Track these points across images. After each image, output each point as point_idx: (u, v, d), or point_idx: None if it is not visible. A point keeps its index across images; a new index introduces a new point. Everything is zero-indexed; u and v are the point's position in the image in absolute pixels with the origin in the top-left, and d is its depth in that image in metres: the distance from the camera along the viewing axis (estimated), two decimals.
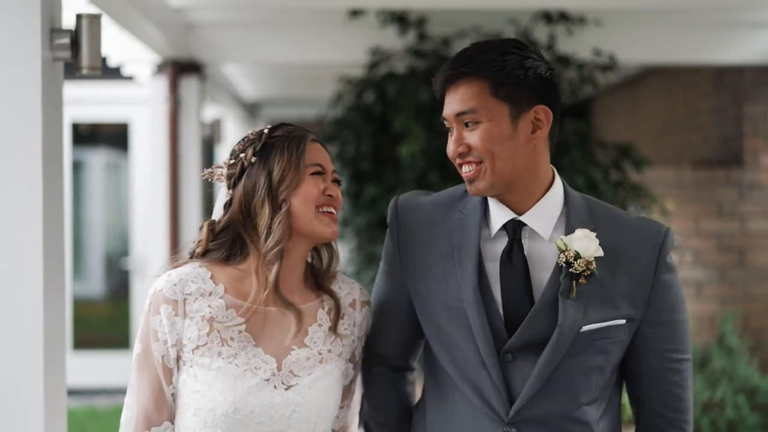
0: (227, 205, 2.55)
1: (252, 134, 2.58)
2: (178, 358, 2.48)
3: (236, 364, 2.46)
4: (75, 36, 3.19)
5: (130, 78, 7.96)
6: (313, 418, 2.51)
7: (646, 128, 10.30)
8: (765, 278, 8.14)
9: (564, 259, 2.37)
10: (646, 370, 2.48)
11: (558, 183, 2.49)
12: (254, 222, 2.49)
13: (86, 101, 9.67)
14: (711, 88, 8.76)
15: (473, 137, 2.41)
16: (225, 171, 2.59)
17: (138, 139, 10.86)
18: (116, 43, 6.26)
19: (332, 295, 2.60)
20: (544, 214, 2.45)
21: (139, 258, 10.89)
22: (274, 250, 2.46)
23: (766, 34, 7.04)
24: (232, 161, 2.56)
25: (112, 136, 11.38)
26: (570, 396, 2.41)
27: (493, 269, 2.45)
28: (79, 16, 3.20)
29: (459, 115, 2.42)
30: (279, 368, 2.49)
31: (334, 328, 2.57)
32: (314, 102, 10.01)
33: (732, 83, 8.39)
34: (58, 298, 3.34)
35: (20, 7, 3.05)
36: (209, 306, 2.48)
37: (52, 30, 3.15)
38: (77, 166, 11.30)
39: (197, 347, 2.46)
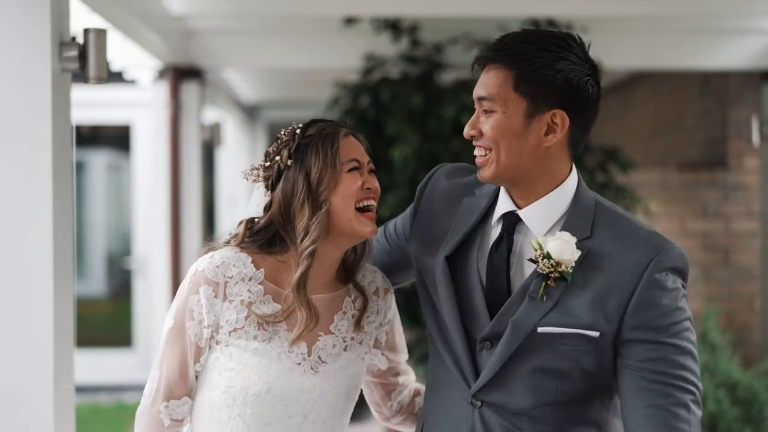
0: (267, 208, 2.55)
1: (284, 134, 2.57)
2: (212, 337, 2.50)
3: (272, 347, 2.48)
4: (83, 49, 3.41)
5: (132, 81, 8.11)
6: (334, 404, 2.55)
7: (637, 130, 10.42)
8: (748, 277, 8.27)
9: (533, 258, 2.34)
10: (627, 390, 2.35)
11: (569, 186, 2.43)
12: (293, 223, 2.49)
13: (89, 104, 9.83)
14: (697, 93, 8.88)
15: (486, 124, 2.39)
16: (256, 175, 2.59)
17: (140, 141, 11.03)
18: (119, 49, 6.41)
19: (362, 291, 2.63)
20: (543, 213, 2.41)
21: (141, 258, 11.04)
22: (309, 249, 2.46)
23: (749, 40, 7.16)
24: (268, 164, 2.56)
25: (113, 138, 11.54)
26: (526, 392, 2.38)
27: (483, 257, 2.46)
28: (86, 30, 3.41)
29: (480, 99, 2.41)
30: (309, 353, 2.52)
31: (357, 322, 2.60)
32: (312, 104, 10.14)
33: (717, 88, 8.50)
34: (67, 297, 3.50)
35: (31, 22, 3.27)
36: (249, 290, 2.49)
37: (62, 43, 3.37)
38: (79, 167, 11.47)
39: (234, 330, 2.48)
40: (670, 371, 2.30)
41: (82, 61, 3.42)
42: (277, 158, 2.53)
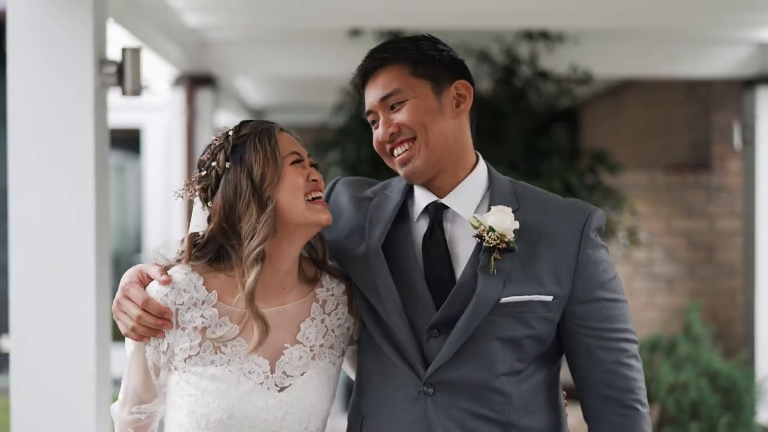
0: (209, 219, 2.39)
1: (216, 139, 2.42)
2: (169, 362, 2.39)
3: (230, 371, 2.36)
4: (120, 66, 3.83)
5: (144, 87, 8.41)
6: (306, 417, 2.43)
7: (628, 134, 10.66)
8: (731, 273, 8.54)
9: (477, 234, 2.34)
10: (583, 350, 2.40)
11: (482, 167, 2.48)
12: (237, 228, 2.34)
13: None
14: (684, 99, 9.13)
15: (401, 115, 2.38)
16: (191, 190, 2.41)
17: (150, 143, 11.32)
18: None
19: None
20: (466, 196, 2.43)
21: (152, 254, 11.35)
22: (255, 251, 2.31)
23: (731, 50, 7.41)
24: (204, 173, 2.39)
25: (119, 140, 11.83)
26: (485, 364, 2.36)
27: (417, 250, 2.43)
28: (124, 50, 3.83)
29: (383, 99, 2.40)
30: (272, 370, 2.40)
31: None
32: (317, 108, 10.32)
33: (702, 94, 8.76)
34: (105, 295, 3.88)
35: (76, 44, 3.69)
36: (202, 316, 2.35)
37: (101, 61, 3.79)
38: None
39: (189, 357, 2.36)
40: (619, 326, 2.38)
41: (119, 76, 3.84)
42: (214, 164, 2.37)
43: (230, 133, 2.40)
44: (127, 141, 11.53)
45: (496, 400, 2.37)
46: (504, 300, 2.33)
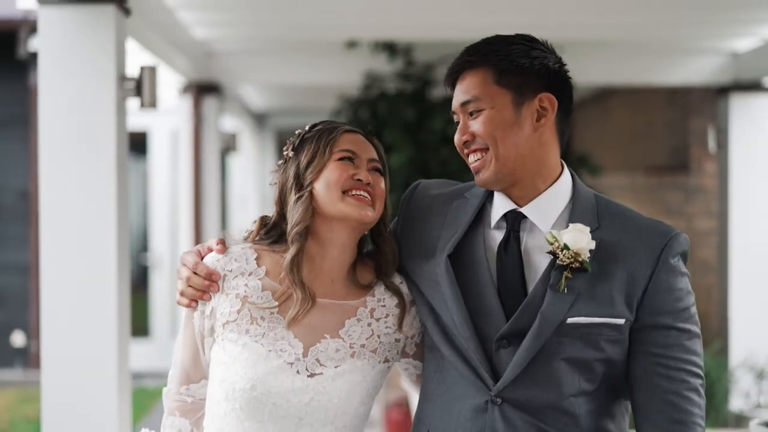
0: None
1: (296, 133, 2.54)
2: (212, 329, 2.47)
3: (262, 344, 2.40)
4: (139, 82, 4.28)
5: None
6: (332, 410, 2.42)
7: (614, 137, 10.97)
8: (707, 270, 8.86)
9: (551, 251, 2.28)
10: (642, 376, 2.30)
11: (566, 179, 2.39)
12: (285, 212, 2.48)
13: None
14: (665, 104, 9.45)
15: (476, 124, 2.33)
16: (275, 173, 2.56)
17: (156, 146, 11.74)
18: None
19: (397, 291, 2.50)
20: (546, 208, 2.36)
21: (158, 254, 11.67)
22: (294, 230, 2.41)
23: (707, 60, 7.64)
24: (281, 162, 2.54)
25: None
26: (552, 385, 2.29)
27: (491, 257, 2.37)
28: (142, 68, 4.29)
29: (464, 104, 2.35)
30: (305, 354, 2.42)
31: (399, 326, 2.49)
32: (317, 111, 10.43)
33: (681, 101, 9.09)
34: (125, 292, 4.26)
35: (100, 62, 4.15)
36: (246, 285, 2.43)
37: (122, 78, 4.24)
38: None
39: (227, 322, 2.43)
40: (684, 357, 2.28)
41: (137, 90, 4.30)
42: (285, 153, 2.52)
43: (307, 127, 2.51)
44: (132, 143, 11.87)
45: (563, 420, 2.31)
46: (570, 320, 2.27)
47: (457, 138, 2.38)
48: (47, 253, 4.16)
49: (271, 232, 2.51)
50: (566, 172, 2.40)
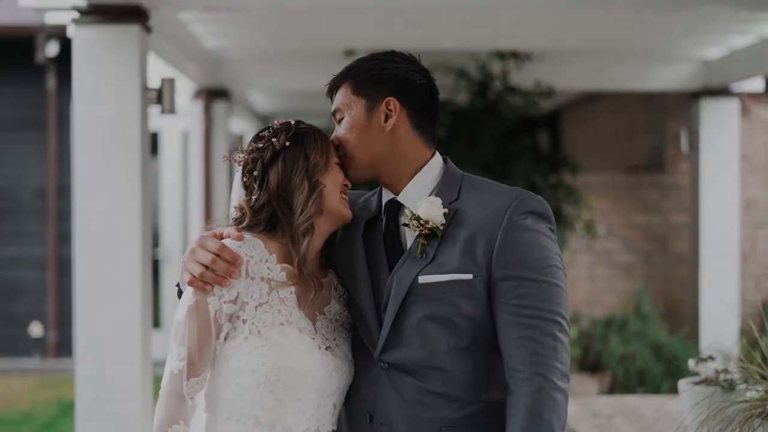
0: (261, 185, 2.55)
1: (278, 124, 2.61)
2: (237, 317, 2.48)
3: (290, 322, 2.50)
4: (160, 92, 4.87)
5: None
6: (345, 379, 2.57)
7: (600, 137, 11.39)
8: (682, 261, 9.28)
9: (404, 223, 2.54)
10: (501, 326, 2.45)
11: (434, 164, 2.61)
12: (289, 199, 2.53)
13: None
14: (644, 107, 9.85)
15: (340, 130, 2.61)
16: (245, 156, 2.59)
17: (167, 146, 12.20)
18: (160, 73, 7.53)
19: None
20: (416, 192, 2.57)
21: (168, 248, 12.14)
22: (306, 224, 2.51)
23: (680, 66, 8.06)
24: (261, 145, 2.57)
25: None
26: (421, 343, 2.47)
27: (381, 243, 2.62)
28: (163, 79, 4.88)
29: (333, 113, 2.64)
30: (315, 331, 2.55)
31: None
32: (318, 113, 10.89)
33: (658, 104, 9.48)
34: (148, 285, 4.74)
35: (126, 75, 4.71)
36: (268, 269, 2.50)
37: (145, 88, 4.82)
38: None
39: (260, 305, 2.47)
40: (535, 304, 2.41)
41: (159, 98, 4.88)
42: (274, 140, 2.56)
43: (292, 122, 2.61)
44: None
45: (441, 377, 2.47)
46: (422, 280, 2.47)
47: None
48: (80, 247, 4.60)
49: (258, 215, 2.55)
50: (436, 159, 2.62)
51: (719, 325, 7.55)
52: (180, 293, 2.60)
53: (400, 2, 5.30)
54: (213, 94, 8.11)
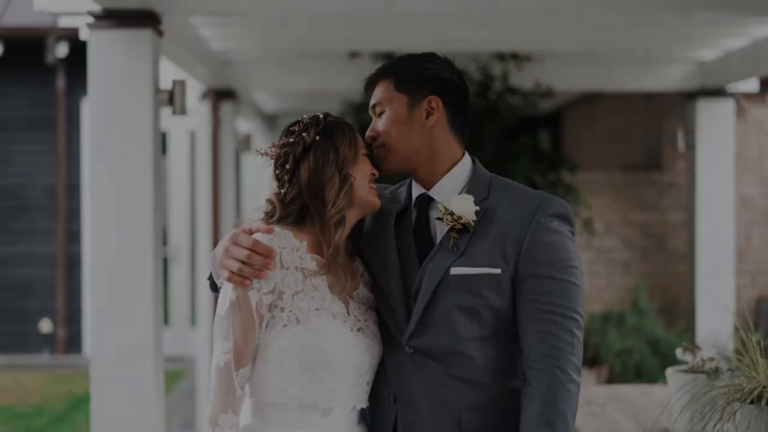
0: (292, 178, 2.64)
1: (307, 119, 2.70)
2: (275, 306, 2.57)
3: (324, 308, 2.60)
4: (171, 94, 5.05)
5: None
6: (376, 358, 2.67)
7: (600, 137, 11.51)
8: (679, 258, 9.42)
9: (438, 217, 2.64)
10: (522, 319, 2.58)
11: (465, 163, 2.72)
12: (321, 192, 2.61)
13: None
14: (642, 107, 9.98)
15: (379, 123, 2.70)
16: (277, 150, 2.67)
17: (174, 146, 12.36)
18: (170, 74, 7.56)
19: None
20: (447, 188, 2.69)
21: (175, 247, 12.28)
22: (338, 216, 2.60)
23: (677, 67, 8.15)
24: (292, 139, 2.65)
25: None
26: (448, 330, 2.60)
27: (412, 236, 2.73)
28: (174, 81, 5.06)
29: (373, 107, 2.73)
30: (348, 313, 2.65)
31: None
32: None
33: (656, 104, 9.60)
34: (159, 283, 4.85)
35: (139, 77, 4.86)
36: (300, 258, 2.60)
37: (157, 90, 4.99)
38: None
39: (296, 293, 2.57)
40: (556, 301, 2.55)
41: (170, 100, 5.06)
42: (304, 134, 2.64)
43: (321, 116, 2.70)
44: None
45: (464, 362, 2.60)
46: (453, 272, 2.61)
47: (367, 134, 2.74)
48: (93, 244, 4.73)
49: (289, 207, 2.65)
50: (466, 158, 2.74)
51: (714, 321, 7.62)
52: (212, 287, 2.73)
53: (404, 6, 5.45)
54: (220, 95, 8.24)
